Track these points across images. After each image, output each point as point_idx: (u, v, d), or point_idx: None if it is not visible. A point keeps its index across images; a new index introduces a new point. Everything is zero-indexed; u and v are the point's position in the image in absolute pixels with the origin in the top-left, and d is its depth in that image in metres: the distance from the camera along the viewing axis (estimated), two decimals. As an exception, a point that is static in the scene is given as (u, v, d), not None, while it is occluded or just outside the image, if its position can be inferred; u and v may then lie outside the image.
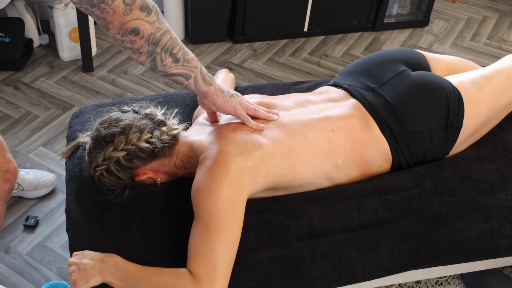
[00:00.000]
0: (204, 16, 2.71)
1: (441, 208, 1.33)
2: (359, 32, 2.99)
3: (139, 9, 1.02)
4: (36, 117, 2.29)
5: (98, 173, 1.27)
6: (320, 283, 1.22)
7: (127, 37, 1.04)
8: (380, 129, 1.36)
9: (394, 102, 1.38)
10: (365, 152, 1.34)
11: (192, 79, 1.18)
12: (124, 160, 1.25)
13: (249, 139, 1.23)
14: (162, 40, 1.08)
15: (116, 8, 1.00)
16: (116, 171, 1.26)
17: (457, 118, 1.39)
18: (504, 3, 3.35)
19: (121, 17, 1.01)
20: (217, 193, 1.14)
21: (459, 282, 1.71)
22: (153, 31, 1.06)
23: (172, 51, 1.11)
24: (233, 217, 1.15)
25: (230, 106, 1.27)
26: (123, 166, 1.26)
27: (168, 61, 1.12)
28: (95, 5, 0.99)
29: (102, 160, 1.25)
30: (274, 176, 1.24)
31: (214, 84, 1.24)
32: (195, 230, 1.15)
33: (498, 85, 1.45)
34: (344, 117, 1.35)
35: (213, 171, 1.17)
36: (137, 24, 1.03)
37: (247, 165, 1.19)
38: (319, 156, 1.29)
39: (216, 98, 1.25)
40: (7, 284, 1.66)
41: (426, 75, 1.45)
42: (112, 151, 1.24)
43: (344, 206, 1.31)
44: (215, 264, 1.11)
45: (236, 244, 1.16)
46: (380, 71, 1.46)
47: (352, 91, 1.44)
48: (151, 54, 1.09)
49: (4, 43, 2.50)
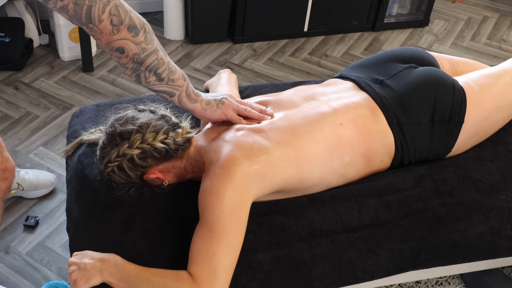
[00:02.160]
0: (204, 16, 2.71)
1: (441, 208, 1.33)
2: (359, 32, 2.99)
3: (127, 29, 1.07)
4: (36, 117, 2.29)
5: (109, 169, 1.26)
6: (320, 284, 1.22)
7: (114, 53, 1.10)
8: (387, 120, 1.36)
9: (402, 93, 1.38)
10: (372, 145, 1.34)
11: (176, 97, 1.23)
12: (138, 159, 1.25)
13: (255, 142, 1.23)
14: (146, 60, 1.12)
15: (103, 29, 1.05)
16: (127, 168, 1.25)
17: (458, 112, 1.39)
18: (504, 3, 3.35)
19: (107, 36, 1.06)
20: (222, 197, 1.14)
21: (459, 282, 1.71)
22: (138, 52, 1.10)
23: (157, 71, 1.15)
24: (237, 221, 1.15)
25: (219, 114, 1.30)
26: (136, 164, 1.25)
27: (152, 79, 1.16)
28: (84, 24, 1.04)
29: (116, 156, 1.25)
30: (282, 179, 1.24)
31: (200, 101, 1.27)
32: (198, 232, 1.15)
33: (503, 85, 1.45)
34: (352, 108, 1.35)
35: (219, 175, 1.17)
36: (122, 44, 1.08)
37: (253, 168, 1.19)
38: (326, 156, 1.28)
39: (204, 112, 1.29)
40: (7, 284, 1.66)
41: (434, 70, 1.46)
42: (127, 148, 1.24)
43: (345, 207, 1.30)
44: (216, 267, 1.11)
45: (238, 249, 1.16)
46: (388, 66, 1.47)
47: (360, 83, 1.44)
48: (135, 70, 1.14)
49: (4, 43, 2.49)
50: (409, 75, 1.43)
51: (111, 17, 1.04)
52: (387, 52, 1.56)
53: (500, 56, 2.86)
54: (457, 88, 1.41)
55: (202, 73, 2.61)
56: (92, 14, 1.02)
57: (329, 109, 1.34)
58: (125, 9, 1.06)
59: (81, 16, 1.02)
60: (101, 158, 1.29)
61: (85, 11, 1.01)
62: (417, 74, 1.43)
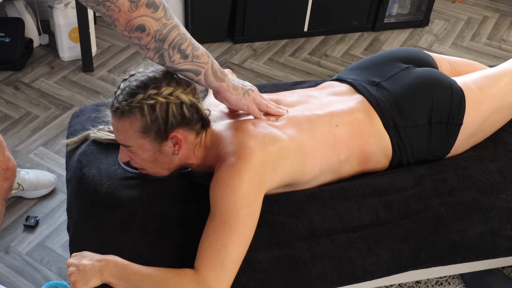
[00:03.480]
0: (204, 16, 2.71)
1: (441, 208, 1.33)
2: (359, 32, 2.99)
3: (146, 5, 1.02)
4: (36, 117, 2.29)
5: (153, 101, 1.14)
6: (320, 283, 1.23)
7: (134, 33, 1.05)
8: (383, 123, 1.36)
9: (399, 95, 1.38)
10: (366, 147, 1.35)
11: (202, 75, 1.18)
12: (186, 109, 1.17)
13: (268, 133, 1.24)
14: (169, 36, 1.08)
15: (121, 6, 1.01)
16: (171, 112, 1.15)
17: (457, 115, 1.39)
18: (504, 3, 3.35)
19: (126, 15, 1.02)
20: (238, 189, 1.14)
21: (459, 282, 1.71)
22: (160, 28, 1.06)
23: (180, 47, 1.11)
24: (250, 215, 1.15)
25: (244, 104, 1.27)
26: (179, 114, 1.17)
27: (176, 57, 1.11)
28: (100, 3, 1.00)
29: (168, 93, 1.15)
30: (288, 172, 1.25)
31: (227, 81, 1.23)
32: (209, 224, 1.14)
33: (503, 86, 1.45)
34: (348, 111, 1.36)
35: (235, 166, 1.16)
36: (143, 21, 1.03)
37: (267, 161, 1.19)
38: (325, 152, 1.29)
39: (229, 95, 1.25)
40: (7, 284, 1.66)
41: (432, 71, 1.46)
42: (181, 92, 1.17)
43: (345, 207, 1.31)
44: (223, 260, 1.10)
45: (248, 242, 1.15)
46: (385, 68, 1.47)
47: (356, 85, 1.44)
48: (158, 50, 1.09)
49: (4, 43, 2.49)
50: (406, 76, 1.43)
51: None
52: (384, 53, 1.55)
53: (500, 56, 2.86)
54: (455, 89, 1.40)
55: (202, 73, 2.61)
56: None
57: (325, 112, 1.35)
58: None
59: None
60: (144, 86, 1.16)
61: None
62: (414, 76, 1.43)
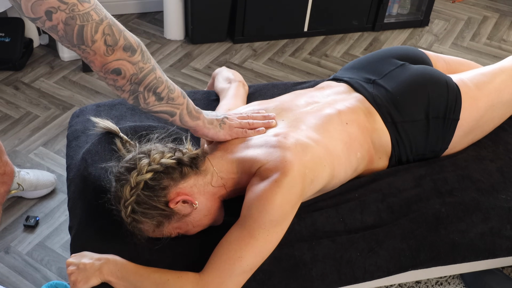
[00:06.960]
0: (204, 16, 2.71)
1: (442, 208, 1.33)
2: (359, 32, 2.99)
3: (123, 49, 1.00)
4: (36, 117, 2.29)
5: (129, 209, 1.13)
6: (320, 284, 1.23)
7: (109, 75, 1.03)
8: (382, 119, 1.37)
9: (395, 91, 1.39)
10: (372, 144, 1.36)
11: (177, 116, 1.17)
12: (152, 181, 1.13)
13: (295, 141, 1.22)
14: (145, 80, 1.06)
15: (97, 50, 0.98)
16: (147, 197, 1.13)
17: (454, 110, 1.39)
18: (504, 3, 3.35)
19: (102, 58, 0.99)
20: (278, 207, 1.12)
21: (459, 282, 1.71)
22: (136, 72, 1.03)
23: (156, 90, 1.09)
24: (278, 232, 1.14)
25: (224, 134, 1.26)
26: (153, 188, 1.13)
27: (151, 100, 1.10)
28: (75, 45, 0.97)
29: (129, 190, 1.13)
30: (322, 177, 1.23)
31: (202, 118, 1.22)
32: (235, 233, 1.13)
33: (499, 83, 1.46)
34: (352, 109, 1.36)
35: (279, 183, 1.13)
36: (119, 65, 1.01)
37: (306, 173, 1.17)
38: (345, 151, 1.29)
39: (207, 131, 1.24)
40: (7, 284, 1.66)
41: (427, 68, 1.47)
42: (137, 176, 1.13)
43: (348, 208, 1.30)
44: (234, 271, 1.10)
45: (265, 257, 1.15)
46: (381, 66, 1.48)
47: (353, 84, 1.45)
48: (133, 92, 1.07)
49: (4, 43, 2.49)
50: (402, 73, 1.44)
51: (105, 37, 0.96)
52: (379, 51, 1.56)
53: (500, 56, 2.86)
54: (451, 85, 1.41)
55: (202, 73, 2.61)
56: (85, 35, 0.94)
57: (333, 111, 1.34)
58: (119, 28, 0.99)
59: (72, 37, 0.94)
60: (117, 203, 1.15)
61: (77, 31, 0.94)
62: (409, 73, 1.44)
